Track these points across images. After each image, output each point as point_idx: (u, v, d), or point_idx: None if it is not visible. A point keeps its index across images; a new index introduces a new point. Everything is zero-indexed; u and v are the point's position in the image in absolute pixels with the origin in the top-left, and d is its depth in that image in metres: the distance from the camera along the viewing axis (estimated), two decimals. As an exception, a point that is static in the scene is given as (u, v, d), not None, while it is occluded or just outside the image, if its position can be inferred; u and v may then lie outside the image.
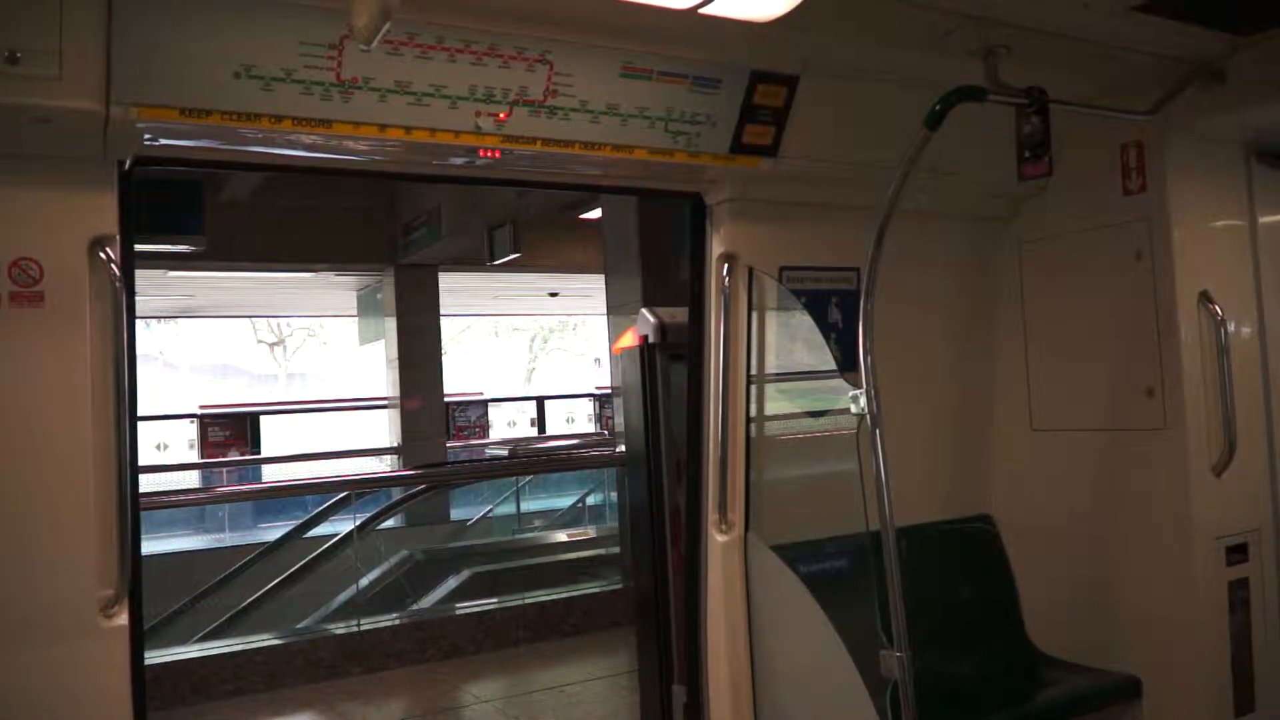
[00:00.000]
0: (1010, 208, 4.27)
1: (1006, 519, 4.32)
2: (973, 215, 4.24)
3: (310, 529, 8.03)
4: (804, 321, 3.71)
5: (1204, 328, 3.74)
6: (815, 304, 3.83)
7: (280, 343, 32.00)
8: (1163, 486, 3.74)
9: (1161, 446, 3.74)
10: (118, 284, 2.70)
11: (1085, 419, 4.02)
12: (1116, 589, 3.91)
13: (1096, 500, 3.98)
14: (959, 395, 4.36)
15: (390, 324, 12.76)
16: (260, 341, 31.87)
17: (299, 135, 2.77)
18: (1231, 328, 3.77)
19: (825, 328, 3.84)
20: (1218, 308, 3.73)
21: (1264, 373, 3.96)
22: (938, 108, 2.97)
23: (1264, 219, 4.01)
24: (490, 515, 10.68)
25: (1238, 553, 3.78)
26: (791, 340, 3.79)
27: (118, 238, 2.72)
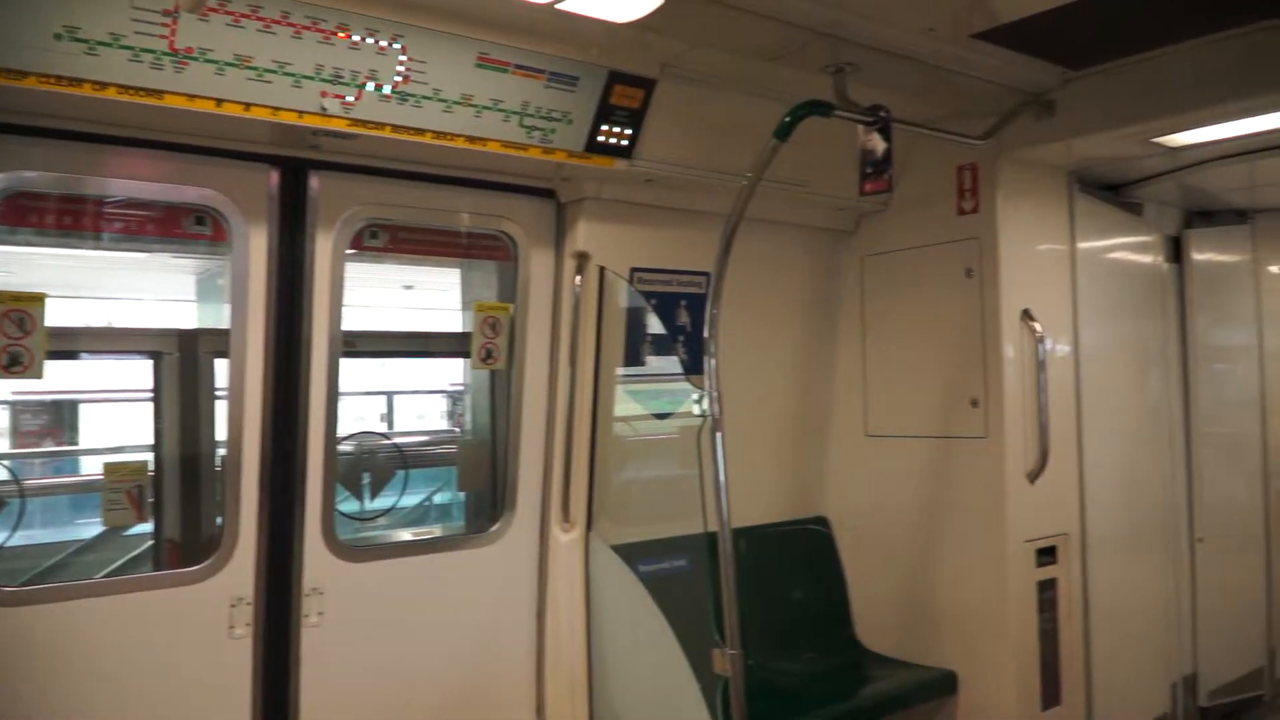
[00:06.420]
0: (853, 221, 4.43)
1: (840, 521, 4.48)
2: (819, 226, 4.38)
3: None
4: (652, 323, 3.75)
5: (1024, 344, 3.97)
6: (665, 306, 3.87)
7: (111, 326, 30.15)
8: (982, 492, 3.95)
9: (983, 454, 3.94)
10: None
11: (915, 426, 4.21)
12: (938, 589, 4.10)
13: (922, 504, 4.17)
14: (801, 400, 4.49)
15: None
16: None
17: (125, 104, 2.60)
18: (1049, 345, 4.01)
19: (673, 330, 3.89)
20: (1037, 325, 3.96)
21: (1076, 388, 4.23)
22: (787, 119, 3.05)
23: (1082, 244, 4.29)
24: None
25: (1047, 555, 4.03)
26: (639, 341, 3.81)
27: None
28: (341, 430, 3.42)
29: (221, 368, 3.20)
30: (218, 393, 3.34)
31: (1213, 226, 5.20)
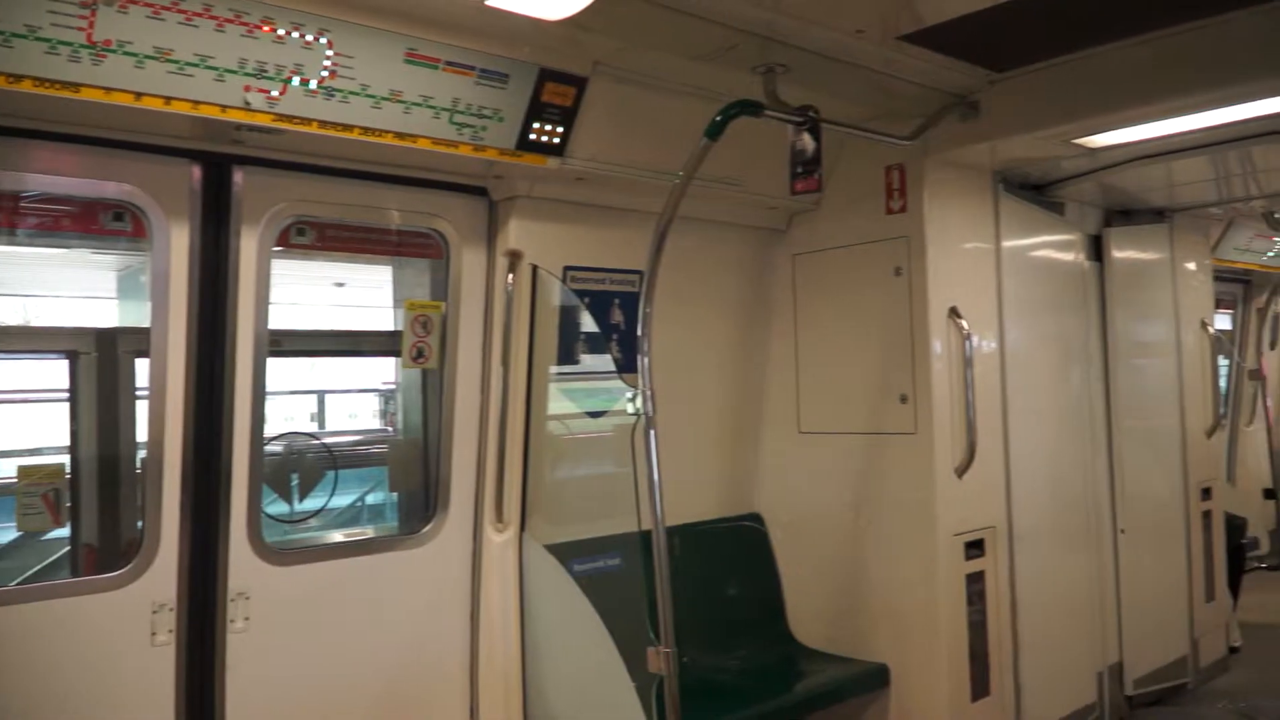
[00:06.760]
0: (785, 220, 4.47)
1: (774, 518, 4.52)
2: (751, 225, 4.41)
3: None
4: (586, 322, 3.74)
5: (952, 341, 4.05)
6: (599, 305, 3.87)
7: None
8: (912, 487, 4.02)
9: (912, 450, 4.01)
10: None
11: (847, 423, 4.26)
12: (870, 583, 4.16)
13: (854, 500, 4.22)
14: (734, 397, 4.52)
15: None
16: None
17: (41, 97, 2.52)
18: (975, 342, 4.10)
19: (607, 329, 3.88)
20: (964, 322, 4.04)
21: (1002, 384, 4.32)
22: (718, 119, 3.07)
23: (1007, 243, 4.38)
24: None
25: (975, 548, 4.11)
26: (572, 340, 3.80)
27: None
28: (269, 431, 3.34)
29: (143, 367, 3.11)
30: (139, 393, 3.25)
31: (1132, 225, 5.36)
